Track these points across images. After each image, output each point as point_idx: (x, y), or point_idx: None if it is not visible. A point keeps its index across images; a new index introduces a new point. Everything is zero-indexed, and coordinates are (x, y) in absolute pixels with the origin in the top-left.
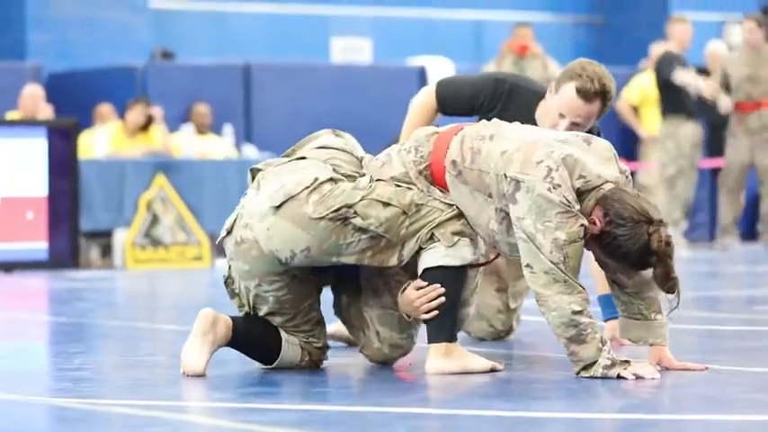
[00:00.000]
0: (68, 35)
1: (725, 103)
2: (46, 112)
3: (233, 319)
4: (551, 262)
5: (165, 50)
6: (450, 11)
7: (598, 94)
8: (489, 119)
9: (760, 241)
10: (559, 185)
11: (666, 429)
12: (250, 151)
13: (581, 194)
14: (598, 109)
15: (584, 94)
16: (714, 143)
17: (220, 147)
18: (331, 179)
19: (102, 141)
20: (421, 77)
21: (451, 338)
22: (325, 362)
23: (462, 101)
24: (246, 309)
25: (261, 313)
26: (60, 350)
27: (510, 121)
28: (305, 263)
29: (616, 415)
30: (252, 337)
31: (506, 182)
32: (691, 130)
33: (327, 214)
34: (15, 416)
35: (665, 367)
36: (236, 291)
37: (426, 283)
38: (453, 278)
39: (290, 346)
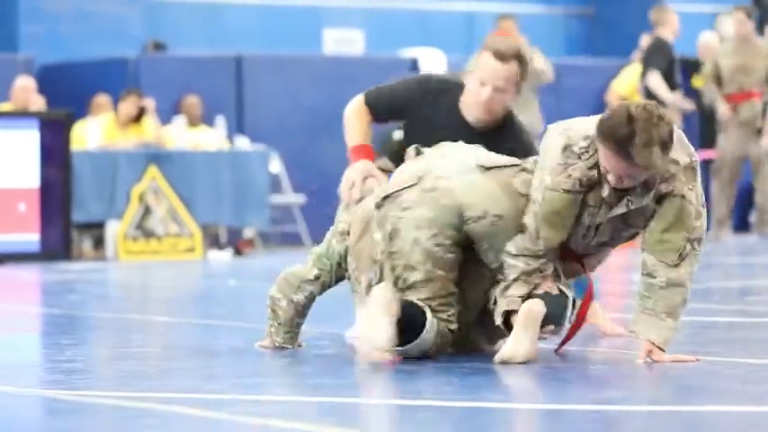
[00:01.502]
0: (61, 27)
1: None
2: (38, 103)
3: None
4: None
5: (158, 42)
6: (443, 2)
7: (513, 56)
8: (419, 121)
9: (753, 232)
10: (569, 129)
11: (660, 420)
12: (242, 143)
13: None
14: (516, 73)
15: (499, 55)
16: (705, 135)
17: (213, 138)
18: (524, 169)
19: (94, 133)
20: (413, 69)
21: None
22: (316, 353)
23: (394, 111)
24: (397, 271)
25: (414, 277)
26: (52, 342)
27: (439, 116)
28: (475, 233)
29: (608, 406)
30: (406, 316)
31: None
32: (676, 118)
33: (531, 197)
34: (7, 407)
35: (655, 360)
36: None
37: None
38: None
39: (432, 332)
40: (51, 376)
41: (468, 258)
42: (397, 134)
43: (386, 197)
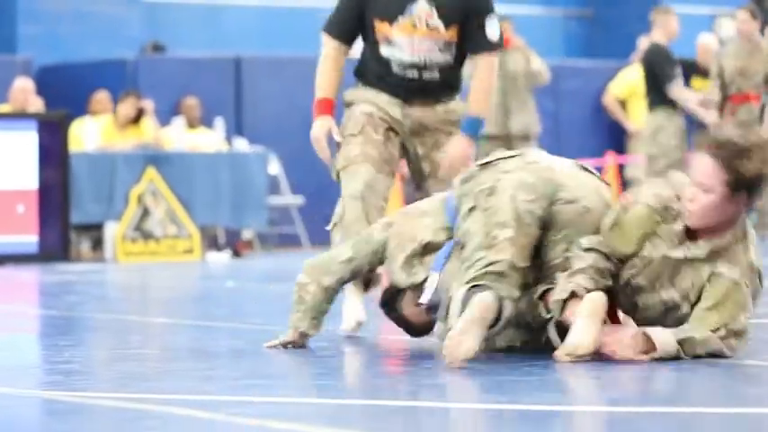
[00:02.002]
0: (59, 28)
1: (712, 118)
2: (36, 105)
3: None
4: None
5: (156, 43)
6: None
7: None
8: (376, 4)
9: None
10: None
11: (659, 422)
12: (241, 144)
13: None
14: None
15: None
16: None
17: (211, 140)
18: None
19: (92, 134)
20: None
21: None
22: (316, 354)
23: (356, 14)
24: (488, 227)
25: (505, 234)
26: (51, 343)
27: None
28: (560, 217)
29: (609, 408)
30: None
31: None
32: (680, 123)
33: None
34: (5, 409)
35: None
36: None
37: None
38: None
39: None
40: (50, 377)
41: None
42: None
43: (483, 165)
